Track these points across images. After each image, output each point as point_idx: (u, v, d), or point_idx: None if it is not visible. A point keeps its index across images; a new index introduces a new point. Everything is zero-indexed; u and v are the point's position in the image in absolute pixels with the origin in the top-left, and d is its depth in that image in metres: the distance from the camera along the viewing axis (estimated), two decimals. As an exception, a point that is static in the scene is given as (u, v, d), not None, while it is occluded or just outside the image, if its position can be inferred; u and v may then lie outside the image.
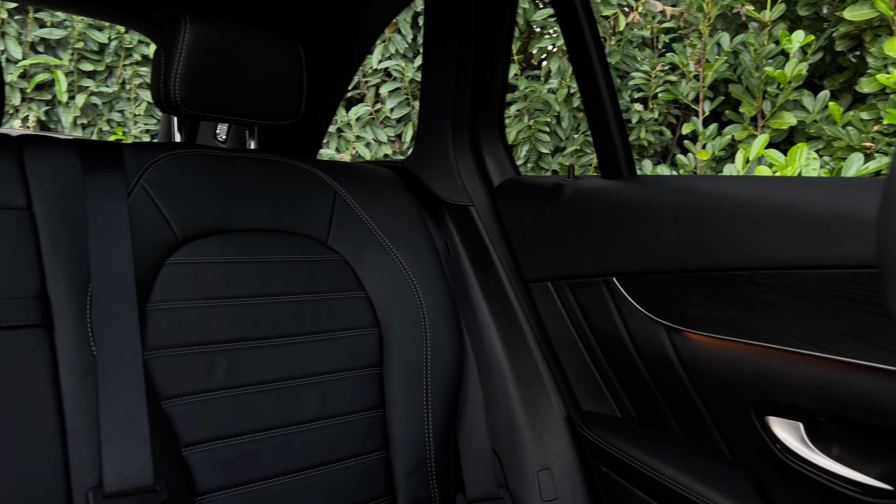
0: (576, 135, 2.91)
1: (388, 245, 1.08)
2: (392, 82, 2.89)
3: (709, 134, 2.70)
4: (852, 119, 2.50)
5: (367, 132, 2.92)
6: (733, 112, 2.78)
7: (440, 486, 1.01)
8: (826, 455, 0.83)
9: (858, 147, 2.45)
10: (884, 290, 0.26)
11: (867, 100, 2.56)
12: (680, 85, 2.80)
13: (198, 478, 0.86)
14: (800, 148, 2.29)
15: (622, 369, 1.03)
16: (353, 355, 1.01)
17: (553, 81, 2.86)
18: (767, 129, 2.73)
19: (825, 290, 0.78)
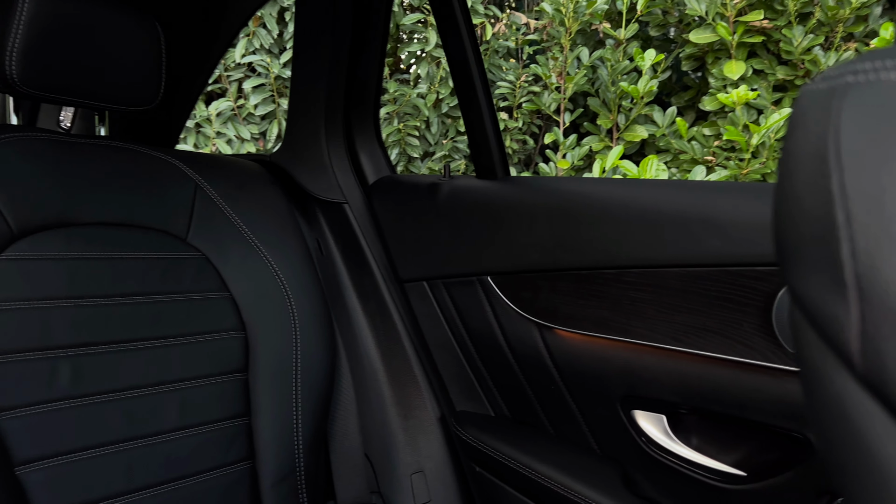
0: (444, 140, 2.94)
1: (255, 242, 1.02)
2: (256, 78, 2.78)
3: (569, 144, 2.81)
4: (696, 134, 2.70)
5: (228, 128, 2.78)
6: (591, 124, 2.92)
7: (310, 495, 0.97)
8: (687, 445, 0.87)
9: (701, 160, 2.65)
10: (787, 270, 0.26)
11: (709, 117, 2.78)
12: (543, 96, 2.90)
13: (35, 500, 0.76)
14: (650, 160, 2.45)
15: (496, 368, 1.04)
16: (216, 360, 0.95)
17: (422, 86, 2.87)
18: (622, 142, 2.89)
19: (687, 288, 0.82)
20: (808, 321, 0.25)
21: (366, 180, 1.22)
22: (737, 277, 0.77)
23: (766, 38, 2.54)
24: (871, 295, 0.21)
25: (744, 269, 0.77)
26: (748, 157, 2.50)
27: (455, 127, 2.95)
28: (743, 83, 2.56)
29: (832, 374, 0.24)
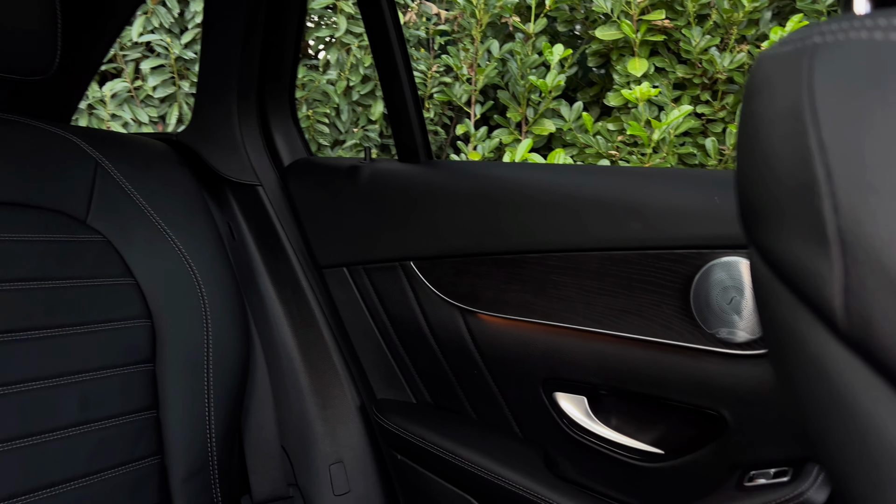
0: (355, 129, 2.89)
1: (162, 226, 0.96)
2: (155, 58, 2.63)
3: (479, 136, 2.83)
4: (601, 129, 2.78)
5: (124, 111, 2.62)
6: (501, 117, 2.95)
7: (223, 490, 0.92)
8: (606, 426, 0.89)
9: (606, 154, 2.73)
10: (759, 231, 0.26)
11: (613, 112, 2.86)
12: (454, 87, 2.90)
13: None
14: (557, 153, 2.50)
15: (418, 354, 1.02)
16: (120, 350, 0.88)
17: (332, 73, 2.81)
18: (530, 135, 2.94)
19: (607, 271, 0.83)
20: (783, 282, 0.25)
21: (281, 162, 1.17)
22: (656, 260, 0.79)
23: (667, 38, 2.65)
24: (854, 249, 0.21)
25: (663, 251, 0.79)
26: (650, 152, 2.60)
27: (366, 115, 2.90)
28: (645, 80, 2.66)
29: (810, 334, 0.24)
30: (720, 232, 0.75)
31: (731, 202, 0.76)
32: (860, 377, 0.22)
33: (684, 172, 0.85)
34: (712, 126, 2.72)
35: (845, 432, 0.22)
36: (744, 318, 0.74)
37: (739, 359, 0.75)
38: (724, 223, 0.75)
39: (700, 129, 2.71)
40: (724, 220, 0.76)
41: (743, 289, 0.73)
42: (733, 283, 0.74)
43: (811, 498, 0.69)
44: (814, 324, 0.23)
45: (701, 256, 0.76)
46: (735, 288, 0.74)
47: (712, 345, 0.77)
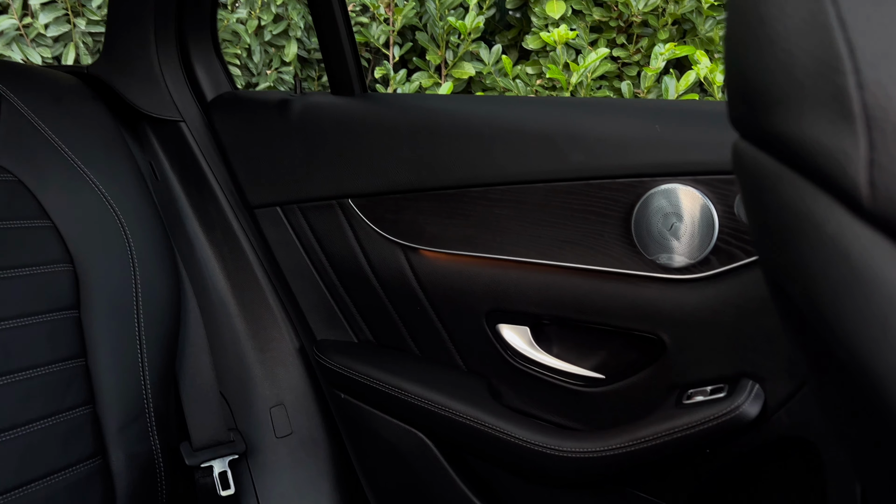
0: (268, 70, 2.77)
1: (78, 164, 0.90)
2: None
3: (399, 79, 2.78)
4: (520, 73, 2.78)
5: (13, 51, 2.41)
6: (420, 59, 2.90)
7: (161, 438, 0.89)
8: (549, 354, 0.91)
9: (525, 98, 2.74)
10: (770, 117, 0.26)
11: (531, 56, 2.87)
12: (371, 28, 2.82)
13: None
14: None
15: (359, 293, 1.01)
16: (40, 296, 0.83)
17: (241, 11, 2.67)
18: (450, 78, 2.90)
19: (550, 202, 0.84)
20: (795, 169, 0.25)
21: (203, 96, 1.10)
22: (598, 190, 0.81)
23: (583, -20, 2.66)
24: (881, 122, 0.22)
25: (605, 181, 0.80)
26: (568, 95, 2.63)
27: (279, 57, 2.79)
28: (563, 23, 2.67)
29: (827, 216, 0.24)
30: (661, 160, 0.77)
31: (672, 131, 0.78)
32: (883, 252, 0.22)
33: (626, 102, 0.86)
34: (627, 69, 2.77)
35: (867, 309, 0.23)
36: (682, 243, 0.76)
37: (678, 283, 0.78)
38: (664, 151, 0.77)
39: (616, 72, 2.75)
40: (665, 148, 0.77)
41: (682, 214, 0.76)
42: (673, 209, 0.76)
43: (746, 411, 0.73)
44: (832, 205, 0.24)
45: (642, 185, 0.78)
46: (675, 214, 0.76)
47: (652, 270, 0.79)
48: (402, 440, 0.96)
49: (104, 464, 0.83)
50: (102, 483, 0.82)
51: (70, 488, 0.79)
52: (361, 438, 1.02)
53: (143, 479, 0.86)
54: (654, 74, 2.56)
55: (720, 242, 0.75)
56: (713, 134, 0.76)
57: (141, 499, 0.86)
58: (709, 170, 0.75)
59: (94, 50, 2.56)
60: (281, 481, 1.02)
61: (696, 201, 0.75)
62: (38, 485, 0.76)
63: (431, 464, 0.95)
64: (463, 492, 0.94)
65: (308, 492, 1.03)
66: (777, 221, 0.27)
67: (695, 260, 0.76)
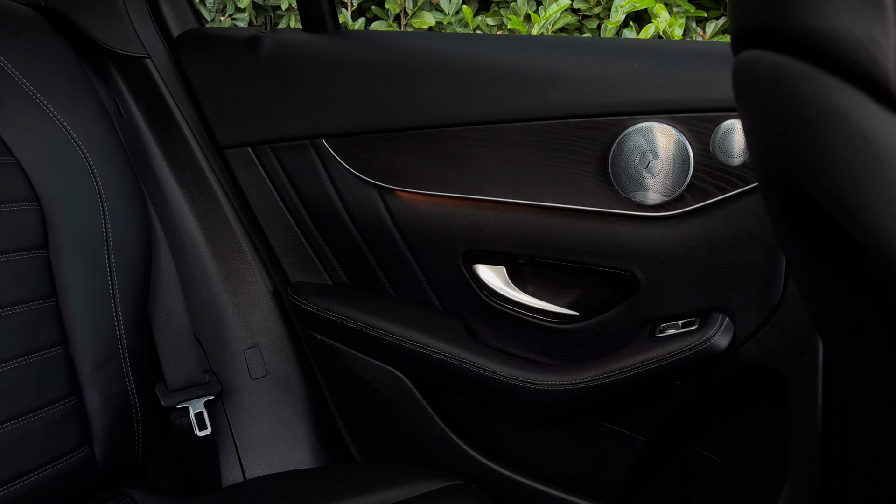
0: (222, 17, 2.68)
1: (41, 100, 0.86)
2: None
3: (357, 28, 2.72)
4: (481, 23, 2.75)
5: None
6: (379, 8, 2.84)
7: (136, 378, 0.88)
8: (524, 292, 0.93)
9: (486, 50, 2.72)
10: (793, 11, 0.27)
11: (491, 7, 2.84)
12: (329, -26, 2.75)
13: None
14: (439, 47, 2.46)
15: (333, 235, 1.00)
16: (6, 235, 0.80)
17: (193, -48, 2.57)
18: (410, 28, 2.86)
19: (527, 142, 0.84)
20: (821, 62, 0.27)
21: (169, 32, 1.07)
22: (576, 129, 0.82)
23: (546, -71, 2.63)
24: None
25: (583, 119, 0.81)
26: (529, 48, 2.62)
27: (234, 3, 2.70)
28: (524, -26, 2.64)
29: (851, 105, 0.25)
30: (638, 98, 0.78)
31: (650, 69, 0.79)
32: None
33: (604, 41, 0.87)
34: (588, 22, 2.77)
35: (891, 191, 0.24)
36: (658, 181, 0.78)
37: (652, 220, 0.80)
38: (642, 89, 0.78)
39: (576, 24, 2.75)
40: (643, 86, 0.78)
41: (658, 152, 0.77)
42: (650, 147, 0.77)
43: (717, 342, 0.77)
44: (857, 95, 0.25)
45: (619, 123, 0.79)
46: (651, 152, 0.78)
47: (627, 208, 0.81)
48: (378, 379, 0.97)
49: (79, 404, 0.82)
50: (79, 422, 0.82)
51: (46, 427, 0.78)
52: (337, 378, 1.03)
53: (119, 419, 0.85)
54: (615, 27, 2.56)
55: (694, 180, 0.77)
56: (690, 73, 0.78)
57: (117, 439, 0.85)
58: (685, 108, 0.76)
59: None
60: (257, 422, 1.03)
61: (671, 139, 0.77)
62: (13, 423, 0.75)
63: (408, 401, 0.96)
64: (440, 427, 0.96)
65: (284, 432, 1.04)
66: (796, 121, 0.28)
67: (669, 197, 0.78)
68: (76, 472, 0.81)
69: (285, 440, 1.04)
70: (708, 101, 0.75)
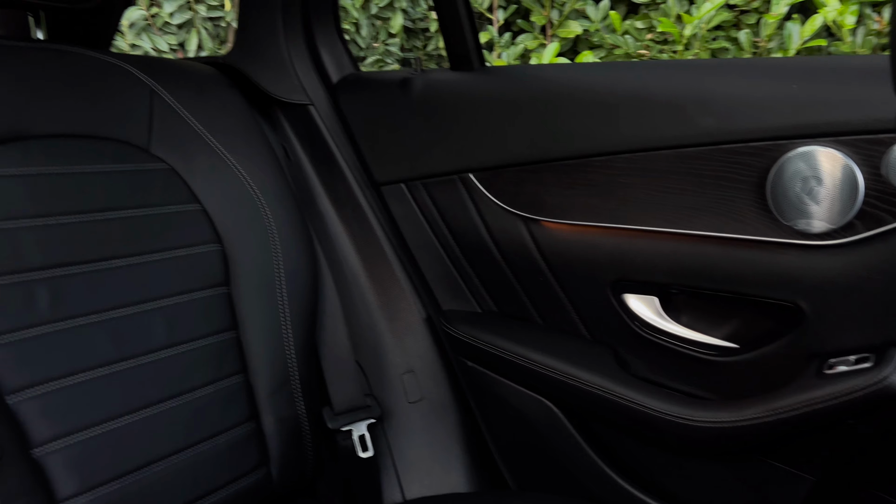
0: (376, 44, 2.82)
1: (221, 151, 0.96)
2: (168, -18, 2.56)
3: (503, 43, 2.75)
4: (629, 28, 2.69)
5: (143, 40, 2.58)
6: (525, 21, 2.85)
7: (307, 403, 0.96)
8: (678, 323, 0.90)
9: (635, 54, 2.65)
10: None
11: (640, 10, 2.76)
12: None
13: (30, 428, 0.72)
14: (585, 55, 2.43)
15: (481, 265, 1.03)
16: (196, 275, 0.90)
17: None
18: (556, 38, 2.85)
19: (678, 169, 0.82)
20: None
21: (329, 79, 1.15)
22: (730, 155, 0.78)
23: (696, -75, 2.52)
24: None
25: (737, 145, 0.78)
26: (681, 49, 2.52)
27: (385, 29, 2.83)
28: (675, -27, 2.54)
29: None
30: (798, 121, 0.74)
31: (809, 89, 0.74)
32: None
33: (755, 61, 0.83)
34: (745, 17, 2.61)
35: None
36: (823, 208, 0.73)
37: (818, 249, 0.75)
38: (801, 112, 0.74)
39: (733, 21, 2.61)
40: (802, 108, 0.74)
41: (822, 178, 0.72)
42: (812, 172, 0.73)
43: (895, 382, 0.70)
44: None
45: (777, 148, 0.75)
46: (814, 178, 0.73)
47: (789, 237, 0.76)
48: (528, 407, 0.99)
49: (257, 427, 0.91)
50: (257, 444, 0.90)
51: (231, 448, 0.87)
52: (489, 405, 1.06)
53: (292, 440, 0.93)
54: (776, 21, 2.40)
55: (865, 206, 0.71)
56: (854, 91, 0.72)
57: (290, 459, 0.93)
58: (851, 129, 0.71)
59: (213, 34, 2.69)
60: (415, 444, 1.07)
61: (837, 163, 0.72)
62: (204, 444, 0.85)
63: (559, 431, 0.97)
64: (592, 459, 0.95)
65: (440, 454, 1.08)
66: None
67: (837, 225, 0.73)
68: (255, 490, 0.89)
69: (441, 463, 1.08)
70: (875, 121, 0.69)
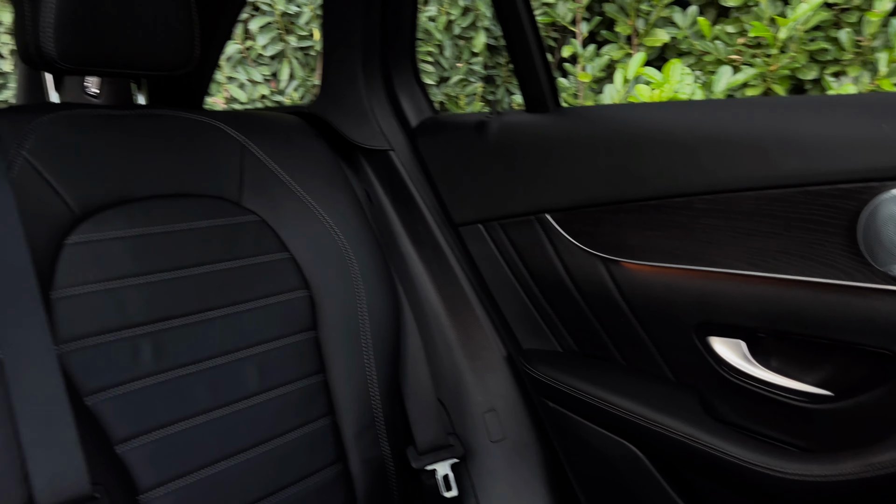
0: (459, 63, 2.85)
1: (307, 199, 1.01)
2: (262, 17, 2.69)
3: (587, 55, 2.72)
4: (719, 33, 2.60)
5: (239, 72, 2.71)
6: (609, 32, 2.81)
7: (391, 443, 0.99)
8: (767, 368, 0.87)
9: (726, 60, 2.56)
10: None
11: (731, 13, 2.66)
12: (557, 7, 2.79)
13: (137, 475, 0.78)
14: (674, 64, 2.36)
15: (561, 305, 1.03)
16: (286, 321, 0.95)
17: (431, 8, 2.77)
18: (642, 48, 2.79)
19: (762, 211, 0.79)
20: None
21: (408, 124, 1.18)
22: (817, 197, 0.75)
23: (789, -77, 2.41)
24: None
25: (825, 187, 0.74)
26: (776, 53, 2.42)
27: (469, 48, 2.85)
28: (767, -27, 2.44)
29: None
30: (890, 162, 0.70)
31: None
32: None
33: (843, 99, 0.79)
34: (846, 16, 2.47)
35: None
36: (921, 253, 0.69)
37: None
38: (893, 152, 0.70)
39: (832, 20, 2.47)
40: (893, 148, 0.70)
41: None
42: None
43: None
44: None
45: (868, 190, 0.71)
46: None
47: (884, 282, 0.72)
48: (612, 450, 0.97)
49: (345, 468, 0.94)
50: (344, 486, 0.94)
51: (319, 491, 0.91)
52: (571, 445, 1.05)
53: (378, 481, 0.96)
54: (880, 18, 2.26)
55: (968, 253, 0.67)
56: None
57: (376, 500, 0.96)
58: None
59: (304, 63, 2.80)
60: (498, 484, 1.08)
61: None
62: (293, 488, 0.89)
63: (643, 475, 0.95)
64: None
65: (524, 494, 1.08)
66: None
67: (937, 271, 0.69)
68: None
69: (526, 502, 1.08)
70: None
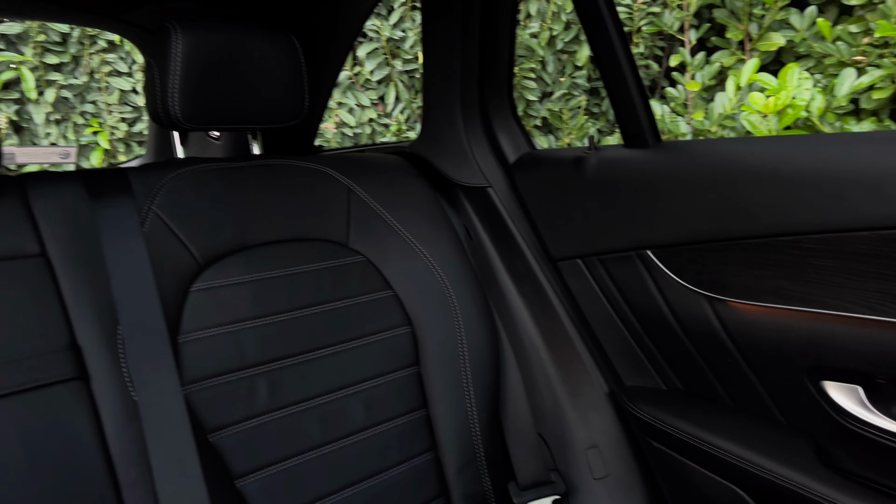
0: (562, 78, 2.84)
1: (409, 238, 1.05)
2: (369, 43, 2.79)
3: (697, 63, 2.64)
4: (841, 33, 2.45)
5: (348, 98, 2.83)
6: (720, 38, 2.71)
7: (493, 478, 1.00)
8: (887, 416, 0.82)
9: (850, 62, 2.40)
10: None
11: (854, 12, 2.50)
12: (663, 16, 2.72)
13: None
14: (791, 68, 2.25)
15: (664, 342, 1.01)
16: (390, 357, 0.99)
17: (533, 25, 2.77)
18: (756, 53, 2.67)
19: (878, 252, 0.75)
20: None
21: (506, 160, 1.20)
22: None
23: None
24: None
25: None
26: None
27: (572, 62, 2.83)
28: (896, -32, 2.27)
29: None
30: None
31: None
32: None
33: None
34: None
35: None
36: None
37: None
38: None
39: (973, 14, 2.27)
40: None
41: None
42: None
43: None
44: None
45: None
46: None
47: None
48: (718, 494, 0.95)
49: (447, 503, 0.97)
50: None
51: None
52: (676, 486, 1.03)
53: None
54: None
55: None
56: None
57: None
58: None
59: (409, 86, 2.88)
60: None
61: None
62: None
63: (753, 520, 0.92)
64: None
65: None
66: None
67: None
68: None
69: None
70: None
